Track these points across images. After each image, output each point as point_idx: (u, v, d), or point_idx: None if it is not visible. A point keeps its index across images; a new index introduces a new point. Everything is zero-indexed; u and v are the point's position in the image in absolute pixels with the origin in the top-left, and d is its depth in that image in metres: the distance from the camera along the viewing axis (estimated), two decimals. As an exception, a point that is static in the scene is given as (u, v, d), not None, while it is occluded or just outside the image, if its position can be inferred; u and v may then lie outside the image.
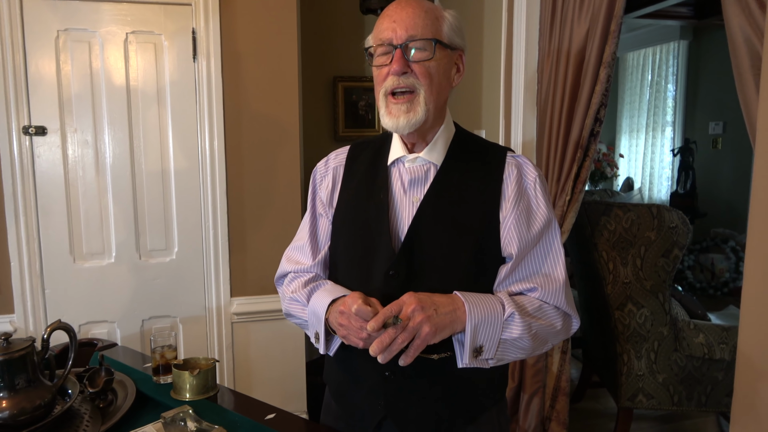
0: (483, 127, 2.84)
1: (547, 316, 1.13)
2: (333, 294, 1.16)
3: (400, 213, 1.17)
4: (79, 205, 2.37)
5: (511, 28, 2.50)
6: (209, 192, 2.47)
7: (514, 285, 1.15)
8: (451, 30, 1.14)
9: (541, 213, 1.16)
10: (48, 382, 1.29)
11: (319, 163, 1.33)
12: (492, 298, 1.10)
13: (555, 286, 1.14)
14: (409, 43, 1.09)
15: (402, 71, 1.09)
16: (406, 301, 1.03)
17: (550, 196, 1.20)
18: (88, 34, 2.31)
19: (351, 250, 1.22)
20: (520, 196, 1.15)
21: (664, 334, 2.44)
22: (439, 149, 1.18)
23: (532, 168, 1.18)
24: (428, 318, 1.02)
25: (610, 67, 2.03)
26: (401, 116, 1.11)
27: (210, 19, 2.37)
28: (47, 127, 2.30)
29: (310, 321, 1.22)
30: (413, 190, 1.17)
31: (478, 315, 1.05)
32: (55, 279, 2.38)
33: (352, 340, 1.08)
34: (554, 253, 1.17)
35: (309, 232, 1.30)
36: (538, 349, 1.14)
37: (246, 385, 2.62)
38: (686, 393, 2.47)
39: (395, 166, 1.21)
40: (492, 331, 1.07)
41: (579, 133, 2.14)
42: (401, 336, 1.01)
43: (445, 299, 1.06)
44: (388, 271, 1.13)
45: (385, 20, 1.12)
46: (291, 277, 1.30)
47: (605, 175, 5.49)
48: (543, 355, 2.42)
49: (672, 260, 2.41)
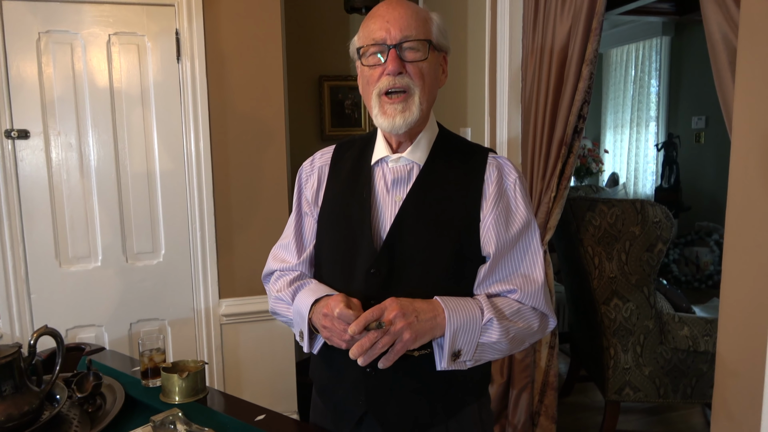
0: (468, 124, 2.85)
1: (524, 318, 1.14)
2: (316, 293, 1.17)
3: (383, 212, 1.18)
4: (64, 209, 2.35)
5: (495, 25, 2.52)
6: (195, 193, 2.46)
7: (493, 286, 1.17)
8: (438, 32, 1.16)
9: (520, 214, 1.17)
10: (35, 388, 1.28)
11: (305, 162, 1.34)
12: (471, 303, 1.11)
13: (533, 288, 1.15)
14: (404, 43, 1.10)
15: (398, 71, 1.10)
16: (387, 306, 1.05)
17: (530, 198, 1.23)
18: (70, 36, 2.29)
19: (335, 248, 1.23)
20: (500, 197, 1.17)
21: (650, 328, 2.48)
22: (422, 149, 1.19)
23: (513, 169, 1.20)
24: (409, 324, 1.04)
25: (593, 65, 2.05)
26: (397, 116, 1.11)
27: (193, 19, 2.36)
28: (30, 131, 2.28)
29: (295, 320, 1.23)
30: (396, 189, 1.19)
31: (457, 321, 1.07)
32: (40, 283, 2.36)
33: (336, 341, 1.10)
34: (532, 253, 1.18)
35: (294, 230, 1.32)
36: (516, 349, 1.17)
37: (236, 386, 2.61)
38: (672, 385, 2.50)
39: (379, 165, 1.22)
40: (470, 336, 1.09)
41: (563, 130, 2.16)
42: (382, 340, 1.03)
43: (426, 305, 1.08)
44: (369, 269, 1.14)
45: (377, 20, 1.12)
46: (277, 276, 1.32)
47: (590, 171, 5.54)
48: (531, 350, 2.44)
49: (656, 254, 2.44)
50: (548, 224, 2.30)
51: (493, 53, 2.55)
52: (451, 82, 3.05)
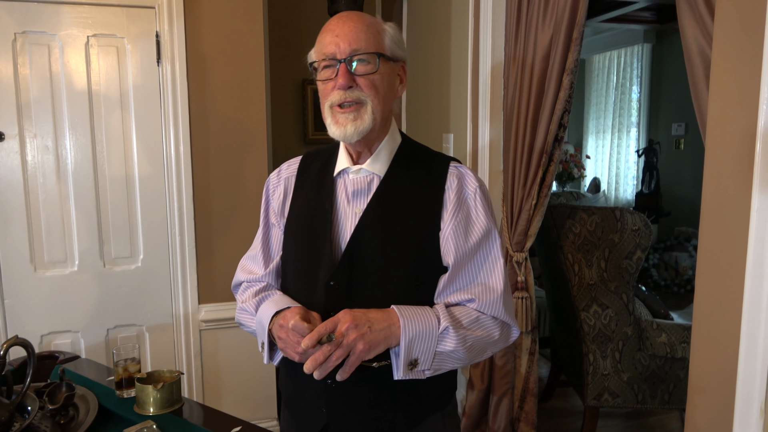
0: (451, 131, 2.86)
1: (483, 327, 1.14)
2: (278, 305, 1.17)
3: (344, 224, 1.19)
4: (40, 213, 2.31)
5: (477, 33, 2.53)
6: (175, 198, 2.43)
7: (452, 295, 1.17)
8: (392, 42, 1.16)
9: (480, 223, 1.17)
10: (5, 399, 1.25)
11: (272, 173, 1.35)
12: (428, 312, 1.11)
13: (492, 297, 1.15)
14: (353, 57, 1.11)
15: (347, 85, 1.10)
16: (341, 319, 1.05)
17: (492, 207, 1.24)
18: (47, 37, 2.25)
19: (298, 260, 1.24)
20: (460, 207, 1.17)
21: (629, 334, 2.50)
22: (383, 160, 1.20)
23: (474, 179, 1.20)
24: (362, 336, 1.04)
25: (573, 74, 2.07)
26: (348, 124, 1.12)
27: (174, 22, 2.34)
28: (5, 133, 2.23)
29: (257, 330, 1.23)
30: (356, 201, 1.19)
31: (412, 330, 1.07)
32: (14, 288, 2.31)
33: (290, 353, 1.10)
34: (491, 262, 1.18)
35: (262, 242, 1.32)
36: (477, 358, 1.17)
37: (215, 393, 2.59)
38: (650, 391, 2.53)
39: (341, 177, 1.22)
40: (427, 345, 1.09)
41: (544, 138, 2.18)
42: (336, 353, 1.03)
43: (380, 315, 1.08)
44: (329, 281, 1.15)
45: (327, 35, 1.13)
46: (244, 287, 1.32)
47: (572, 176, 5.59)
48: (512, 356, 2.45)
49: (635, 262, 2.46)
50: (529, 231, 2.32)
51: (475, 61, 2.56)
52: (434, 89, 3.05)
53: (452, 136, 2.85)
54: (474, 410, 2.57)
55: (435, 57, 3.02)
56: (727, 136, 1.24)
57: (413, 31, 3.35)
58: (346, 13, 1.16)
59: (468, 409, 2.58)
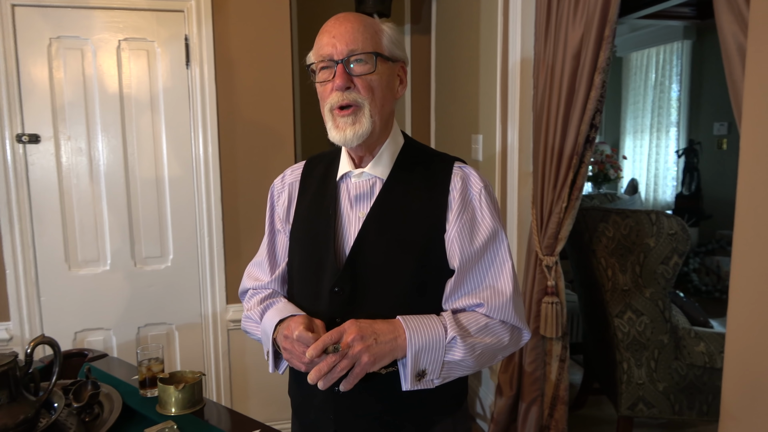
0: (480, 132, 2.81)
1: (493, 333, 1.12)
2: (282, 313, 1.16)
3: (347, 229, 1.17)
4: (74, 213, 2.37)
5: (507, 32, 2.48)
6: (204, 199, 2.46)
7: (460, 300, 1.14)
8: (390, 42, 1.14)
9: (485, 225, 1.14)
10: (32, 396, 1.27)
11: (276, 179, 1.34)
12: (435, 321, 1.09)
13: (501, 300, 1.12)
14: (350, 58, 1.09)
15: (345, 86, 1.09)
16: (346, 329, 1.04)
17: (498, 207, 1.20)
18: (80, 42, 2.30)
19: (303, 266, 1.22)
20: (464, 208, 1.14)
21: (665, 342, 2.41)
22: (385, 163, 1.18)
23: (478, 179, 1.17)
24: (367, 348, 1.02)
25: (605, 73, 2.00)
26: (347, 128, 1.10)
27: (203, 25, 2.36)
28: (41, 135, 2.30)
29: (262, 339, 1.23)
30: (359, 205, 1.17)
31: (418, 341, 1.05)
32: (50, 286, 2.37)
33: (296, 364, 1.09)
34: (499, 264, 1.15)
35: (267, 248, 1.31)
36: (488, 364, 1.15)
37: (242, 392, 2.61)
38: (687, 402, 2.43)
39: (344, 181, 1.21)
40: (434, 356, 1.07)
41: (574, 139, 2.12)
42: (340, 364, 1.02)
43: (386, 327, 1.06)
44: (333, 288, 1.13)
45: (324, 36, 1.12)
46: (250, 294, 1.32)
47: (608, 177, 5.45)
48: (541, 363, 2.39)
49: (672, 267, 2.37)
50: (559, 235, 2.26)
51: (504, 60, 2.51)
52: (463, 89, 3.01)
53: (481, 137, 2.80)
54: (502, 416, 2.52)
55: (464, 57, 2.98)
56: (763, 134, 1.17)
57: (442, 32, 3.31)
58: (343, 14, 1.14)
59: (496, 415, 2.53)
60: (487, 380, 2.90)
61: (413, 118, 3.53)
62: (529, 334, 1.20)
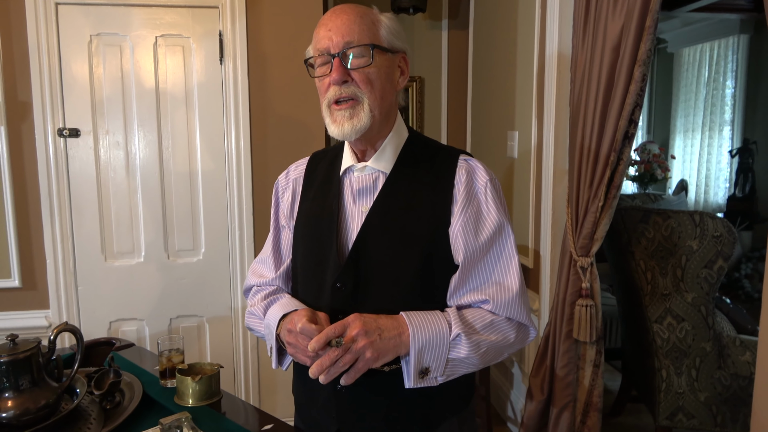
0: (516, 128, 2.74)
1: (498, 330, 1.09)
2: (286, 308, 1.15)
3: (350, 224, 1.15)
4: (110, 205, 2.43)
5: (544, 26, 2.40)
6: (235, 193, 2.48)
7: (465, 296, 1.11)
8: (389, 33, 1.11)
9: (491, 219, 1.11)
10: (54, 383, 1.30)
11: (281, 175, 1.33)
12: (439, 318, 1.07)
13: (507, 296, 1.09)
14: (347, 51, 1.07)
15: (342, 80, 1.07)
16: (350, 323, 1.02)
17: (504, 201, 1.16)
18: (119, 38, 2.36)
19: (306, 262, 1.21)
20: (469, 202, 1.11)
21: (707, 351, 2.29)
22: (388, 156, 1.15)
23: (484, 172, 1.14)
24: (371, 343, 1.01)
25: (646, 66, 1.91)
26: (345, 123, 1.08)
27: (236, 21, 2.38)
28: (80, 129, 2.37)
29: (266, 335, 1.22)
30: (362, 199, 1.15)
31: (422, 338, 1.03)
32: (87, 276, 2.45)
33: (300, 358, 1.08)
34: (506, 259, 1.12)
35: (272, 244, 1.31)
36: (493, 361, 1.12)
37: (270, 385, 2.62)
38: (731, 414, 2.30)
39: (346, 175, 1.19)
40: (438, 353, 1.05)
41: (612, 135, 2.03)
42: (343, 359, 1.01)
43: (390, 323, 1.04)
44: (335, 283, 1.11)
45: (321, 29, 1.10)
46: (254, 291, 1.32)
47: (655, 177, 5.24)
48: (573, 367, 2.31)
49: (716, 271, 2.25)
50: (595, 235, 2.17)
51: (541, 54, 2.44)
52: (500, 85, 2.94)
53: (517, 133, 2.73)
54: (532, 421, 2.44)
55: (501, 52, 2.91)
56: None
57: (480, 27, 3.25)
58: (340, 6, 1.12)
59: (526, 420, 2.46)
60: (518, 383, 2.82)
61: (449, 115, 3.48)
62: (536, 332, 1.17)
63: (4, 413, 1.20)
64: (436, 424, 1.16)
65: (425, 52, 3.39)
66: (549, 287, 2.51)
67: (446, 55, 3.41)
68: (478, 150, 3.30)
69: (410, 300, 1.09)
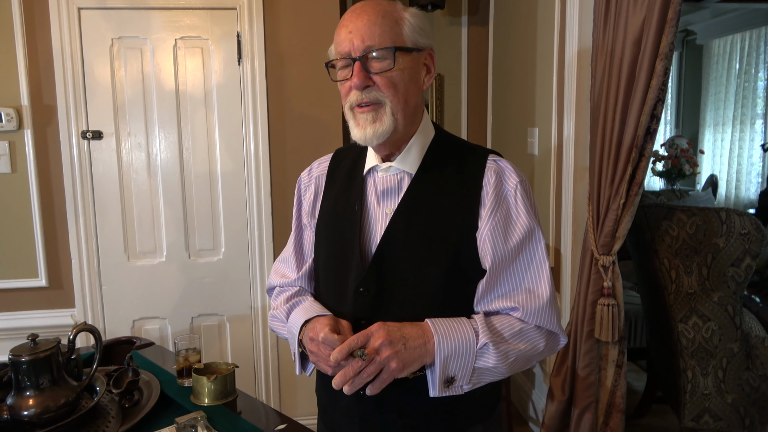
0: (536, 124, 2.70)
1: (528, 339, 1.06)
2: (309, 313, 1.13)
3: (374, 226, 1.12)
4: (133, 206, 2.47)
5: (564, 20, 2.36)
6: (254, 193, 2.50)
7: (494, 302, 1.08)
8: (413, 31, 1.07)
9: (521, 223, 1.07)
10: (74, 382, 1.33)
11: (303, 172, 1.31)
12: (465, 326, 1.04)
13: (537, 305, 1.06)
14: (368, 54, 1.03)
15: (363, 85, 1.03)
16: (374, 333, 0.99)
17: (535, 204, 1.12)
18: (139, 41, 2.39)
19: (327, 264, 1.18)
20: (498, 205, 1.07)
21: (734, 351, 2.22)
22: (414, 157, 1.11)
23: (514, 174, 1.10)
24: (396, 353, 0.98)
25: (668, 59, 1.86)
26: (368, 126, 1.05)
27: (254, 22, 2.40)
28: (103, 132, 2.41)
29: (289, 339, 1.21)
30: (386, 201, 1.12)
31: (448, 347, 1.00)
32: (111, 276, 2.49)
33: (323, 367, 1.06)
34: (537, 266, 1.08)
35: (294, 243, 1.29)
36: (521, 369, 1.09)
37: (291, 384, 2.64)
38: (760, 416, 2.23)
39: (370, 175, 1.16)
40: (464, 362, 1.01)
41: (634, 131, 1.98)
42: (367, 370, 0.98)
43: (415, 331, 1.01)
44: (358, 288, 1.08)
45: (342, 31, 1.06)
46: (277, 292, 1.30)
47: (683, 173, 5.12)
48: (595, 367, 2.27)
49: (744, 270, 2.18)
50: (617, 233, 2.12)
51: (561, 49, 2.39)
52: (520, 82, 2.90)
53: (537, 130, 2.69)
54: (554, 422, 2.41)
55: (521, 48, 2.87)
56: None
57: (500, 23, 3.21)
58: (360, 4, 1.08)
59: (547, 420, 2.43)
60: (540, 383, 2.79)
61: (469, 112, 3.45)
62: (566, 340, 1.13)
63: (25, 411, 1.23)
64: (460, 431, 1.14)
65: (445, 49, 3.37)
66: (570, 286, 2.47)
67: (466, 51, 3.38)
68: (498, 147, 3.27)
69: (434, 305, 1.06)
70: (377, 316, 1.05)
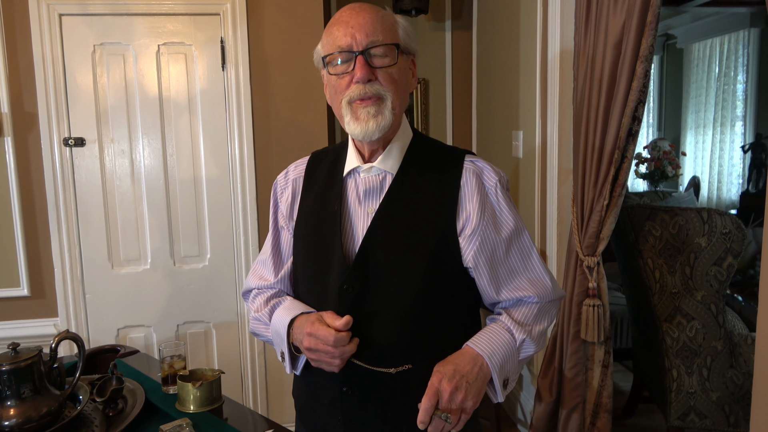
0: (521, 127, 2.72)
1: (546, 313, 1.18)
2: (292, 311, 1.14)
3: (355, 225, 1.14)
4: (117, 213, 2.45)
5: (546, 24, 2.39)
6: (239, 199, 2.49)
7: (510, 296, 1.16)
8: (405, 35, 1.11)
9: (505, 219, 1.14)
10: (56, 390, 1.31)
11: (279, 175, 1.32)
12: (501, 332, 1.12)
13: (543, 291, 1.16)
14: (371, 49, 1.06)
15: (367, 78, 1.05)
16: (439, 388, 1.03)
17: (512, 199, 1.17)
18: (122, 47, 2.38)
19: (308, 264, 1.20)
20: (483, 206, 1.11)
21: (718, 349, 2.25)
22: (395, 157, 1.14)
23: (492, 173, 1.14)
24: (466, 394, 1.04)
25: (648, 62, 1.89)
26: (370, 120, 1.06)
27: (238, 28, 2.39)
28: (86, 138, 2.39)
29: (275, 340, 1.21)
30: (368, 200, 1.14)
31: (498, 360, 1.08)
32: (94, 284, 2.47)
33: (324, 362, 1.07)
34: (531, 256, 1.17)
35: (272, 246, 1.29)
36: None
37: (278, 390, 2.62)
38: (744, 413, 2.26)
39: (351, 176, 1.17)
40: (512, 363, 1.11)
41: (616, 133, 2.00)
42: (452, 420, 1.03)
43: (466, 362, 1.07)
44: (342, 285, 1.10)
45: (340, 26, 1.08)
46: (254, 294, 1.30)
47: (666, 175, 5.18)
48: (582, 368, 2.28)
49: (726, 269, 2.21)
50: (601, 234, 2.14)
51: (544, 53, 2.42)
52: (504, 85, 2.92)
53: (521, 133, 2.71)
54: (542, 423, 2.42)
55: (504, 52, 2.90)
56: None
57: (483, 27, 3.23)
58: (357, 3, 1.11)
59: (535, 422, 2.44)
60: (528, 385, 2.80)
61: (454, 116, 3.46)
62: (563, 292, 1.27)
63: (6, 421, 1.21)
64: None
65: (429, 53, 3.38)
66: (556, 288, 2.49)
67: (450, 56, 3.40)
68: (483, 151, 3.29)
69: (416, 300, 1.09)
70: (360, 312, 1.07)
